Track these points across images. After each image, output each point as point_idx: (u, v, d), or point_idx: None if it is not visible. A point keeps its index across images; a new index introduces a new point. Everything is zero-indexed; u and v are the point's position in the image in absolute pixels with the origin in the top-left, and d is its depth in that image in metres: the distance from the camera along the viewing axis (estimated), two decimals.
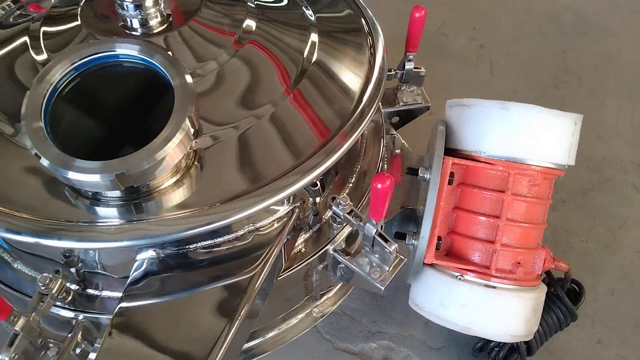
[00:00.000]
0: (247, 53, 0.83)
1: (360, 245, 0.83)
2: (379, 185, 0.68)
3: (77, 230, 0.66)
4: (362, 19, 0.95)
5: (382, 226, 0.77)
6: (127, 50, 0.69)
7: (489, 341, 1.05)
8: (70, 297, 0.76)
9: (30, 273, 0.80)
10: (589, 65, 1.74)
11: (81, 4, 0.87)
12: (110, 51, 0.70)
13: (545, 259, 0.95)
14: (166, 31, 0.83)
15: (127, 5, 0.81)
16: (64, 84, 0.69)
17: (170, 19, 0.85)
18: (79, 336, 0.75)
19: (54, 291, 0.71)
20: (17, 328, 0.67)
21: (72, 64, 0.69)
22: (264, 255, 0.71)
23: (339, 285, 1.01)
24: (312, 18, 0.92)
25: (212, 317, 0.66)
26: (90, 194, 0.68)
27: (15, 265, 0.82)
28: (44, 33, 0.84)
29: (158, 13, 0.83)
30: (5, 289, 0.79)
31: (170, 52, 0.72)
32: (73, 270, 0.75)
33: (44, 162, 0.63)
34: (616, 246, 1.29)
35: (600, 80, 1.69)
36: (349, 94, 0.83)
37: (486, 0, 1.96)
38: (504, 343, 1.03)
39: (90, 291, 0.78)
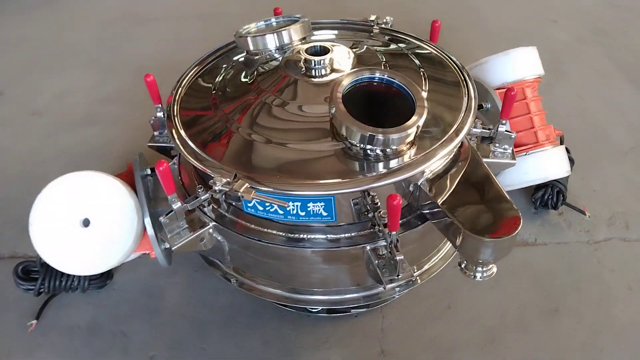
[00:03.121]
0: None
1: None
2: (512, 93, 1.28)
3: (394, 170, 1.12)
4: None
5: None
6: (381, 75, 1.20)
7: (543, 196, 1.69)
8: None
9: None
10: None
11: (281, 63, 1.35)
12: (371, 74, 1.19)
13: (554, 130, 1.64)
14: (323, 80, 1.30)
15: (313, 61, 1.29)
16: (348, 89, 1.17)
17: (333, 72, 1.32)
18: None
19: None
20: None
21: (352, 80, 1.17)
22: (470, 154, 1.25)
23: None
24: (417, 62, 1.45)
25: (478, 185, 1.18)
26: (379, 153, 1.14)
27: None
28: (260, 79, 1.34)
29: (329, 68, 1.32)
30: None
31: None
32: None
33: (356, 129, 1.08)
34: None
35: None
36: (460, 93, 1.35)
37: None
38: (551, 190, 1.68)
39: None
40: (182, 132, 1.26)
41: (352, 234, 1.20)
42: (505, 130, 1.36)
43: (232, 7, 3.02)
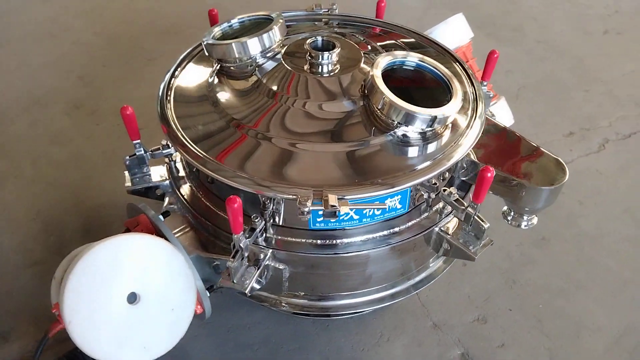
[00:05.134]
0: None
1: None
2: (495, 55, 1.39)
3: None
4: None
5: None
6: (413, 59, 1.20)
7: None
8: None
9: None
10: None
11: (281, 56, 1.28)
12: (403, 59, 1.18)
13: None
14: (335, 74, 1.24)
15: (318, 55, 1.22)
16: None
17: (338, 67, 1.25)
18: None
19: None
20: None
21: (387, 63, 1.16)
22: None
23: None
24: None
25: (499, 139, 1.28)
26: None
27: None
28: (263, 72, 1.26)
29: (331, 63, 1.25)
30: None
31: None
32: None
33: (406, 108, 1.09)
34: None
35: None
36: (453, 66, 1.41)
37: None
38: None
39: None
40: (216, 160, 1.09)
41: (417, 220, 1.20)
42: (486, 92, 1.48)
43: (76, 22, 2.62)
